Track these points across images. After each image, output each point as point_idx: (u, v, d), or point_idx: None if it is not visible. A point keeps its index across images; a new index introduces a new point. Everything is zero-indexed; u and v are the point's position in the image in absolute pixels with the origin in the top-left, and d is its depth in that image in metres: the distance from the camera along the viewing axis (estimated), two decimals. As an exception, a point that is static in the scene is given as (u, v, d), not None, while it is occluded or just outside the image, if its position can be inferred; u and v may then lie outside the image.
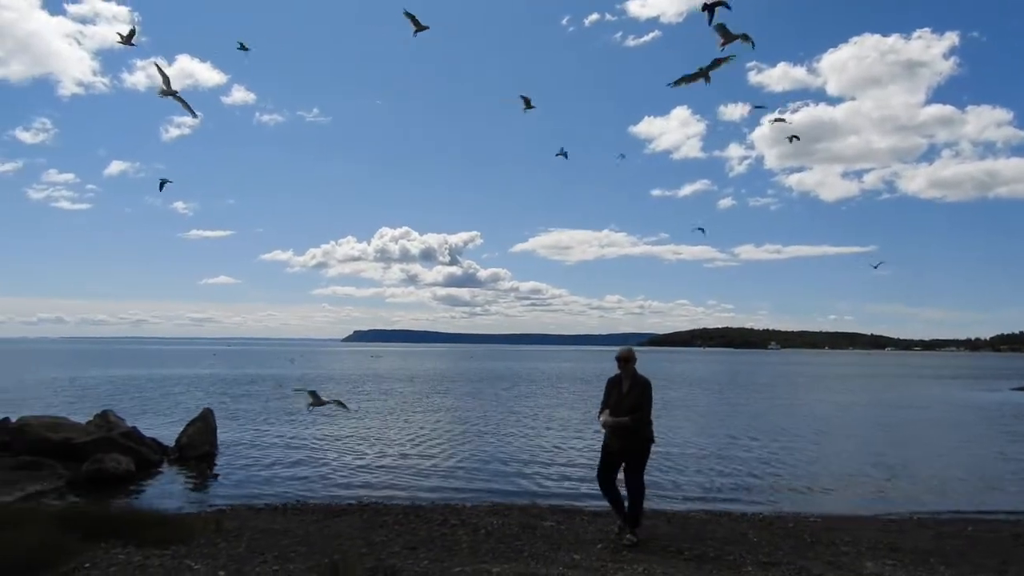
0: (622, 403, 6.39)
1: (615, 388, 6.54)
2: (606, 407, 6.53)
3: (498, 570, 5.56)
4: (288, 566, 5.56)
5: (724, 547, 6.56)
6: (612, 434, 6.43)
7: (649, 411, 6.41)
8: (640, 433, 6.37)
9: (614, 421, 6.31)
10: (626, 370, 6.49)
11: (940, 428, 19.36)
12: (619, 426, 6.31)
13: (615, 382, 6.57)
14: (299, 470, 11.40)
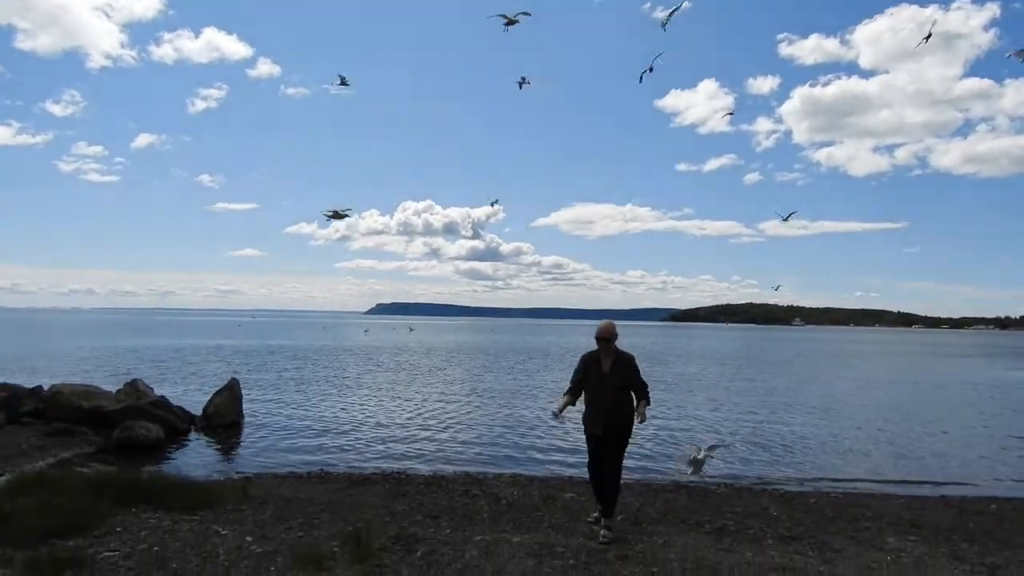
0: (603, 383, 5.74)
1: (593, 366, 5.82)
2: (579, 387, 5.87)
3: (518, 539, 5.63)
4: (313, 532, 5.67)
5: (744, 520, 6.57)
6: (592, 419, 5.78)
7: (642, 386, 5.80)
8: (624, 414, 5.76)
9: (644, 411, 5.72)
10: (607, 348, 5.80)
11: (964, 407, 19.11)
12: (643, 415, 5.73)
13: (592, 360, 5.85)
14: (323, 440, 11.57)
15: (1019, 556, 5.64)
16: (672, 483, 8.53)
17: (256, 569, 4.71)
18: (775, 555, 5.46)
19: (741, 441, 12.21)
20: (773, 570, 5.02)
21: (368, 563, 4.90)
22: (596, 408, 5.77)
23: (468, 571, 4.83)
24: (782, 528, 6.33)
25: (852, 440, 12.80)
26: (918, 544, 5.93)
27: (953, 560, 5.48)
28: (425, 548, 5.32)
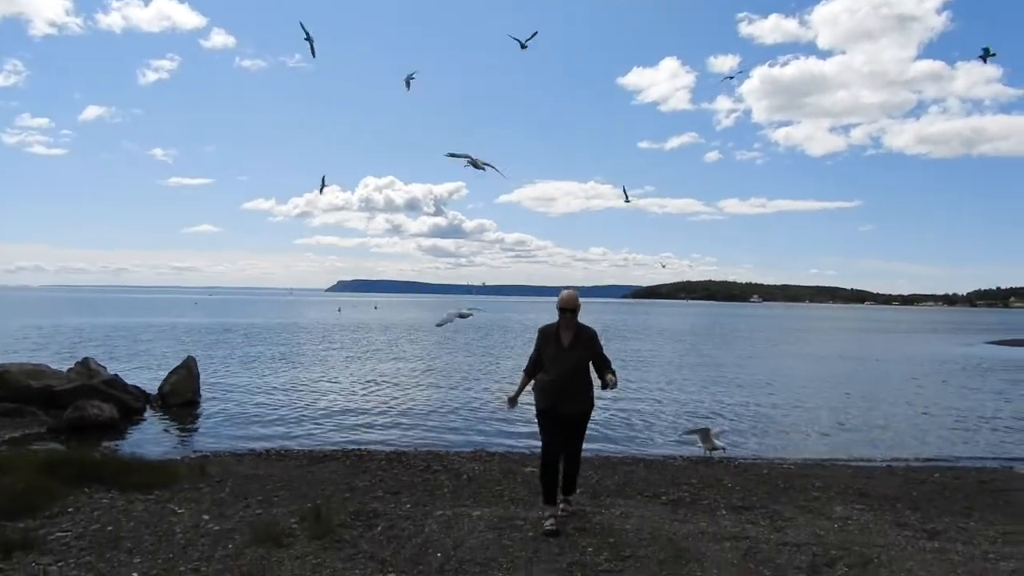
0: (563, 357, 5.32)
1: (552, 341, 5.39)
2: (538, 365, 5.42)
3: (478, 513, 5.68)
4: (272, 510, 5.64)
5: (700, 492, 6.73)
6: (550, 395, 5.31)
7: (605, 361, 5.42)
8: (586, 390, 5.42)
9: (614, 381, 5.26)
10: (570, 320, 5.37)
11: (913, 380, 19.78)
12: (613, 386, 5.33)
13: (551, 333, 5.41)
14: (282, 418, 11.48)
15: (958, 522, 5.90)
16: (630, 456, 8.69)
17: (213, 547, 4.68)
18: (728, 524, 5.61)
19: (697, 416, 12.46)
20: (726, 539, 5.16)
21: (328, 539, 4.90)
22: (554, 384, 5.32)
23: (428, 545, 4.86)
24: (736, 498, 6.51)
25: (804, 413, 13.15)
26: (864, 512, 6.15)
27: (896, 527, 5.71)
28: (385, 523, 5.33)
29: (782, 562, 4.70)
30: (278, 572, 4.29)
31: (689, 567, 4.57)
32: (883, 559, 4.80)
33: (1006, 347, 36.31)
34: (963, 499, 6.76)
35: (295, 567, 4.38)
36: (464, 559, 4.61)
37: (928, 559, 4.84)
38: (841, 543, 5.15)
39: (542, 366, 5.41)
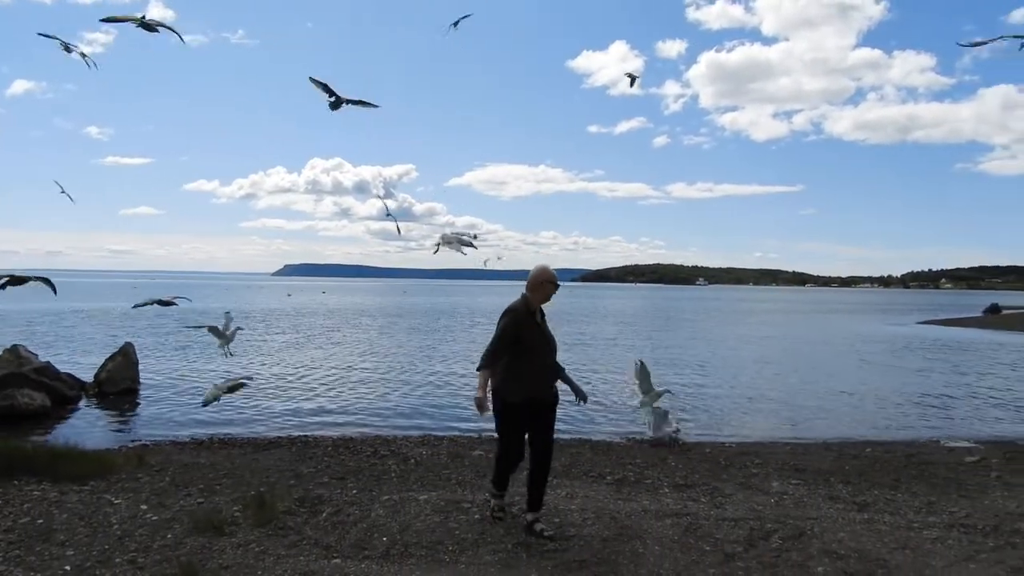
0: (548, 341, 4.94)
1: (531, 324, 4.82)
2: (503, 353, 4.76)
3: (425, 497, 5.69)
4: (213, 498, 5.54)
5: (644, 471, 6.88)
6: (535, 386, 4.80)
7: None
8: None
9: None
10: (546, 300, 4.97)
11: (849, 360, 20.54)
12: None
13: (528, 316, 4.83)
14: (226, 405, 11.19)
15: (886, 494, 6.18)
16: (576, 439, 8.81)
17: (152, 537, 4.57)
18: (670, 502, 5.76)
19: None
20: (668, 516, 5.29)
21: (271, 526, 4.84)
22: (542, 372, 4.87)
23: (374, 530, 4.85)
24: (678, 477, 6.67)
25: (745, 393, 13.54)
26: (799, 487, 6.39)
27: (829, 500, 5.95)
28: (331, 509, 5.30)
29: (721, 537, 4.85)
30: (219, 560, 4.22)
31: (632, 544, 4.67)
32: (816, 531, 5.00)
33: (936, 326, 38.01)
34: (892, 472, 7.08)
35: (237, 555, 4.32)
36: (410, 543, 4.62)
37: (858, 530, 5.06)
38: (777, 517, 5.34)
39: (513, 354, 4.73)
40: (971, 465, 7.53)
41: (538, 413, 4.85)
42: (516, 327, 4.74)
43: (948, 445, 8.93)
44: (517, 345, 4.72)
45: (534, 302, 4.89)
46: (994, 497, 6.14)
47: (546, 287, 4.89)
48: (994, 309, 50.16)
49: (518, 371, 4.73)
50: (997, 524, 5.26)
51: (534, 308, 4.88)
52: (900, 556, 4.54)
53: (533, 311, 4.87)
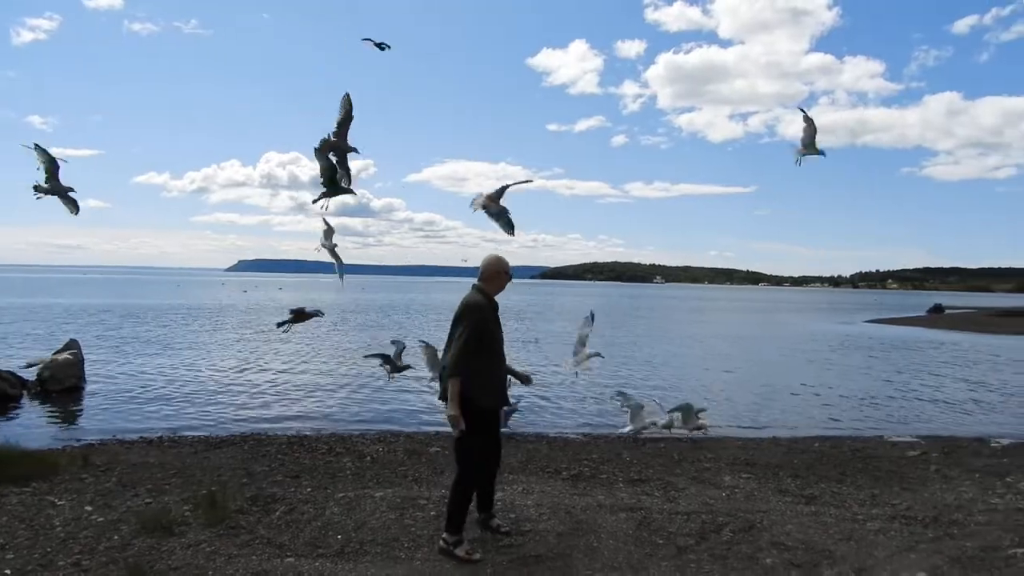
0: (501, 339, 4.64)
1: (493, 320, 4.51)
2: (497, 351, 4.52)
3: (380, 494, 5.66)
4: (162, 498, 5.42)
5: (599, 466, 6.94)
6: (496, 390, 4.56)
7: None
8: None
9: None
10: (501, 290, 4.67)
11: (799, 357, 21.06)
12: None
13: (492, 312, 4.51)
14: (176, 404, 10.97)
15: (832, 487, 6.36)
16: (534, 434, 8.85)
17: (97, 539, 4.45)
18: (625, 496, 5.83)
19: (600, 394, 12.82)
20: (622, 510, 5.37)
21: (223, 525, 4.76)
22: (503, 373, 4.66)
23: (328, 528, 4.81)
24: (633, 472, 6.76)
25: (698, 389, 13.76)
26: (750, 481, 6.54)
27: (778, 493, 6.10)
28: (284, 507, 5.23)
29: (674, 530, 4.94)
30: (168, 561, 4.14)
31: (587, 538, 4.72)
32: (765, 523, 5.13)
33: (882, 325, 39.22)
34: (838, 466, 7.28)
35: (187, 556, 4.23)
36: (365, 540, 4.59)
37: (805, 522, 5.21)
38: (728, 510, 5.46)
39: (481, 354, 4.35)
40: (912, 459, 7.79)
41: (495, 416, 4.67)
42: (485, 324, 4.39)
43: (891, 440, 9.22)
44: (484, 344, 4.37)
45: (490, 294, 4.56)
46: (933, 490, 6.37)
47: (502, 277, 4.59)
48: (937, 309, 52.06)
49: (488, 373, 4.41)
50: (936, 515, 5.46)
51: (495, 302, 4.56)
52: (845, 547, 4.68)
53: (495, 306, 4.55)
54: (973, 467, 7.36)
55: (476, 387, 4.31)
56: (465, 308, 4.38)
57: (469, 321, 4.32)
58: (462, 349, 4.26)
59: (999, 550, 4.67)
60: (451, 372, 4.25)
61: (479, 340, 4.32)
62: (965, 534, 5.01)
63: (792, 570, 4.26)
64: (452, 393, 4.22)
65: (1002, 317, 42.91)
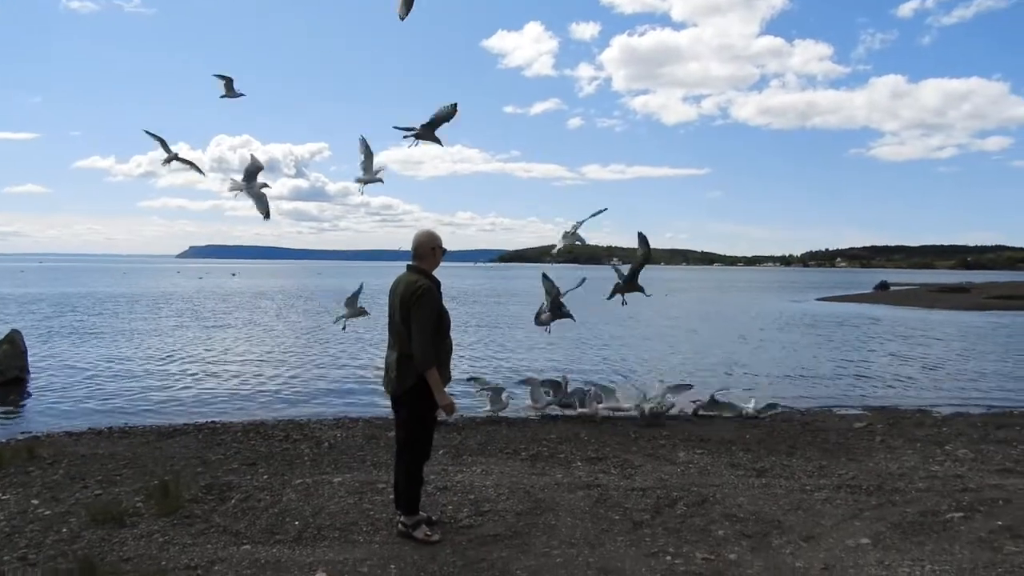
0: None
1: (442, 300, 4.44)
2: (447, 331, 4.44)
3: (339, 480, 5.63)
4: (113, 489, 5.31)
5: (558, 446, 7.02)
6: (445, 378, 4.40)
7: None
8: None
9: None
10: (437, 266, 4.55)
11: (752, 334, 21.54)
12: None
13: (439, 292, 4.40)
14: (126, 393, 10.71)
15: (783, 460, 6.55)
16: (492, 416, 8.88)
17: (44, 532, 4.34)
18: (582, 475, 5.92)
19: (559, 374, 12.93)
20: (580, 488, 5.45)
21: (177, 515, 4.69)
22: (450, 353, 4.55)
23: (286, 514, 4.77)
24: (590, 450, 6.85)
25: (654, 367, 13.99)
26: (704, 456, 6.69)
27: (731, 467, 6.25)
28: (240, 495, 5.17)
29: (630, 506, 5.03)
30: (120, 553, 4.06)
31: (545, 516, 4.79)
32: (718, 496, 5.27)
33: (831, 303, 40.32)
34: (788, 439, 7.50)
35: (140, 546, 4.16)
36: (323, 525, 4.58)
37: (756, 494, 5.36)
38: (682, 485, 5.58)
39: (437, 336, 4.29)
40: (859, 431, 8.06)
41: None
42: (440, 306, 4.33)
43: (839, 413, 9.54)
44: (441, 325, 4.33)
45: (428, 271, 4.42)
46: (878, 459, 6.61)
47: (437, 252, 4.46)
48: (883, 286, 53.66)
49: (446, 353, 4.40)
50: (880, 484, 5.68)
51: (436, 280, 4.43)
52: (793, 517, 4.84)
53: (439, 283, 4.44)
54: (915, 437, 7.66)
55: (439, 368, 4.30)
56: (419, 295, 4.21)
57: (426, 307, 4.22)
58: (427, 336, 4.18)
59: (937, 515, 4.89)
60: (426, 363, 4.15)
61: (438, 323, 4.29)
62: (906, 501, 5.23)
63: (743, 540, 4.39)
64: (435, 381, 4.19)
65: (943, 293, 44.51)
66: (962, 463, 6.48)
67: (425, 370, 4.17)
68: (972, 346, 18.97)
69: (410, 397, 4.29)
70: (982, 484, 5.71)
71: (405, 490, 4.42)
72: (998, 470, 6.23)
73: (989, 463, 6.48)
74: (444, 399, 4.24)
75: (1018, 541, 4.36)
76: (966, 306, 35.21)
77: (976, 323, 26.76)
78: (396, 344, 4.33)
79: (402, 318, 4.25)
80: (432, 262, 4.46)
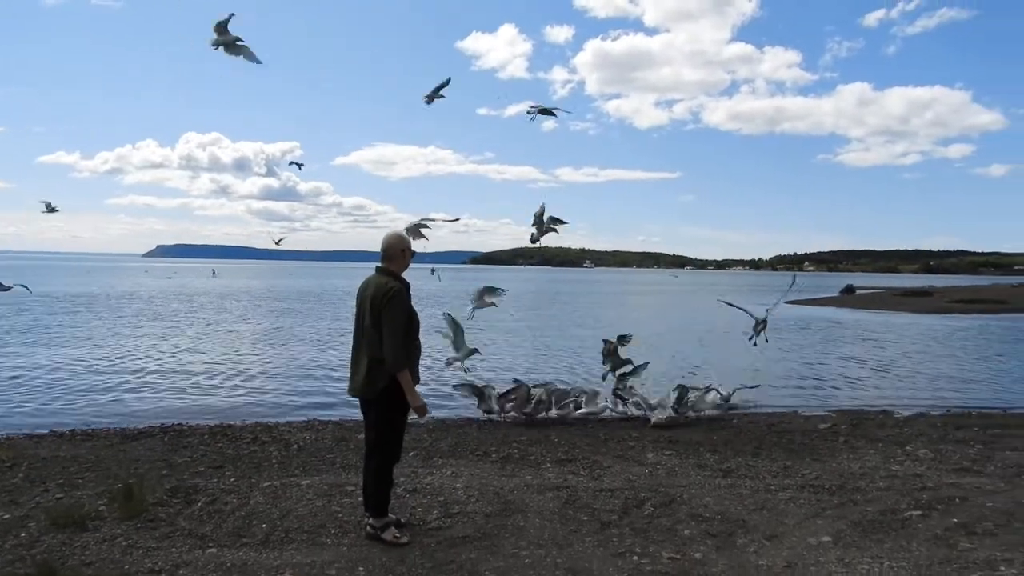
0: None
1: (409, 301, 4.43)
2: (416, 333, 4.46)
3: (307, 482, 5.60)
4: (75, 493, 5.22)
5: (528, 448, 7.04)
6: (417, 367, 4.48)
7: None
8: None
9: None
10: (406, 268, 4.56)
11: (719, 337, 21.81)
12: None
13: (408, 294, 4.41)
14: (89, 395, 10.50)
15: (748, 461, 6.65)
16: (464, 418, 8.89)
17: (3, 537, 4.26)
18: (552, 476, 5.95)
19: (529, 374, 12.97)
20: (549, 489, 5.48)
21: (141, 518, 4.63)
22: (419, 355, 4.55)
23: (253, 517, 4.73)
24: (560, 452, 6.89)
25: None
26: (672, 457, 6.77)
27: (698, 468, 6.34)
28: (206, 498, 5.12)
29: (598, 507, 5.08)
30: (81, 557, 4.00)
31: (513, 518, 4.81)
32: (684, 497, 5.34)
33: (799, 306, 40.98)
34: (754, 441, 7.62)
35: (102, 550, 4.10)
36: (291, 528, 4.55)
37: (722, 494, 5.45)
38: (650, 486, 5.65)
39: (408, 338, 4.32)
40: (823, 432, 8.22)
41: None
42: (410, 308, 4.34)
43: (804, 414, 9.71)
44: (411, 327, 4.35)
45: (397, 273, 4.41)
46: (841, 460, 6.75)
47: (406, 254, 4.47)
48: (849, 290, 54.66)
49: (416, 355, 4.43)
50: (842, 483, 5.81)
51: (406, 281, 4.41)
52: (758, 516, 4.93)
53: (408, 285, 4.42)
54: (877, 437, 7.84)
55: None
56: (390, 297, 4.21)
57: (397, 309, 4.22)
58: (399, 339, 4.18)
59: (896, 513, 5.01)
60: (399, 365, 4.16)
61: (408, 325, 4.30)
62: (867, 499, 5.35)
63: (708, 539, 4.46)
64: (409, 384, 4.21)
65: (907, 297, 45.58)
66: (922, 462, 6.65)
67: (397, 372, 4.17)
68: (933, 349, 19.44)
69: (380, 399, 4.28)
70: (940, 483, 5.87)
71: (374, 492, 4.41)
72: (955, 469, 6.40)
73: (947, 462, 6.66)
74: (416, 401, 4.25)
75: (972, 538, 4.49)
76: (928, 309, 36.07)
77: (937, 326, 27.41)
78: (365, 346, 4.31)
79: (372, 321, 4.24)
80: (402, 264, 4.46)
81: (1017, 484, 5.88)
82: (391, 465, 4.46)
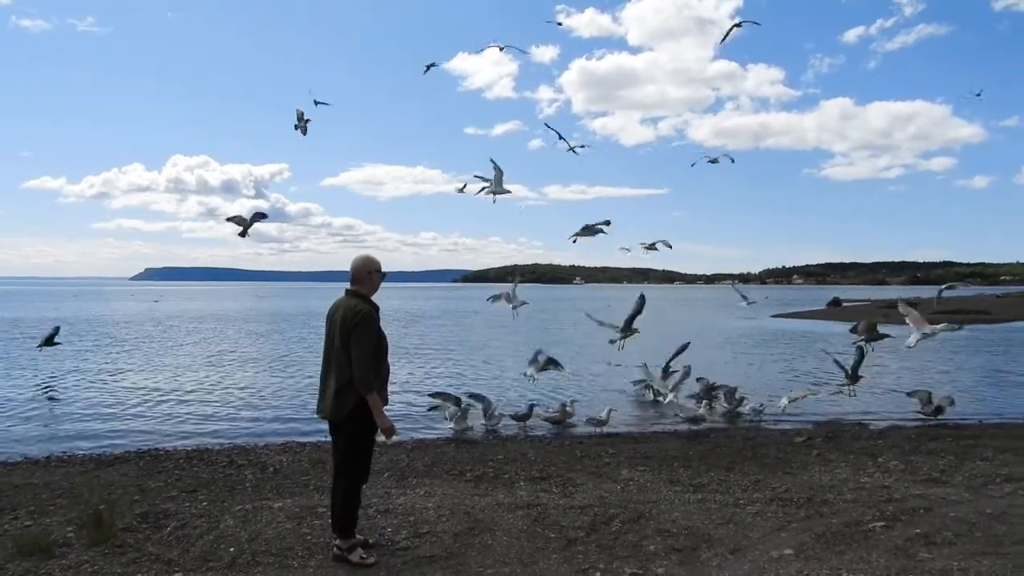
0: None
1: (378, 323, 4.45)
2: (385, 355, 4.49)
3: (279, 505, 5.62)
4: (44, 520, 5.21)
5: (503, 466, 7.08)
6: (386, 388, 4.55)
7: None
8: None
9: None
10: (375, 291, 4.60)
11: (704, 349, 21.91)
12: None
13: (377, 316, 4.43)
14: (65, 421, 10.43)
15: (720, 475, 6.72)
16: (441, 438, 8.92)
17: (-33, 566, 4.25)
18: (524, 494, 5.99)
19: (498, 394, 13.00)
20: (520, 508, 5.52)
21: (108, 544, 4.64)
22: (384, 385, 4.52)
23: (221, 541, 4.74)
24: (535, 470, 6.93)
25: (604, 384, 14.13)
26: (645, 473, 6.82)
27: (669, 484, 6.39)
28: (176, 523, 5.13)
29: (567, 524, 5.12)
30: (45, 585, 4.00)
31: (482, 537, 4.85)
32: (653, 512, 5.39)
33: (786, 319, 41.27)
34: (729, 455, 7.68)
35: (66, 578, 4.10)
36: (259, 551, 4.57)
37: (691, 509, 5.50)
38: (621, 502, 5.70)
39: (376, 360, 4.36)
40: (798, 445, 8.30)
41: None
42: (379, 330, 4.37)
43: (781, 428, 9.79)
44: (381, 349, 4.39)
45: (367, 296, 4.46)
46: (812, 472, 6.83)
47: (374, 276, 4.52)
48: (835, 302, 54.97)
49: (384, 377, 4.47)
50: (810, 496, 5.87)
51: (375, 304, 4.45)
52: (723, 530, 4.98)
53: (377, 307, 4.45)
54: (851, 449, 7.92)
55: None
56: (359, 320, 4.24)
57: (366, 331, 4.25)
58: (368, 361, 4.23)
59: (861, 525, 5.08)
60: (367, 388, 4.21)
61: (377, 347, 4.34)
62: (833, 512, 5.42)
63: (672, 554, 4.51)
64: (378, 406, 4.28)
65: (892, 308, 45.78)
66: (891, 474, 6.74)
67: (366, 393, 4.23)
68: (913, 360, 19.60)
69: (349, 420, 4.33)
70: (907, 494, 5.95)
71: (342, 514, 4.44)
72: (923, 480, 6.49)
73: (916, 473, 6.75)
74: (384, 422, 4.31)
75: (931, 548, 4.57)
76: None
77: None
78: (334, 368, 4.36)
79: (342, 343, 4.29)
80: (370, 286, 4.51)
81: (982, 494, 5.97)
82: (359, 486, 4.50)
